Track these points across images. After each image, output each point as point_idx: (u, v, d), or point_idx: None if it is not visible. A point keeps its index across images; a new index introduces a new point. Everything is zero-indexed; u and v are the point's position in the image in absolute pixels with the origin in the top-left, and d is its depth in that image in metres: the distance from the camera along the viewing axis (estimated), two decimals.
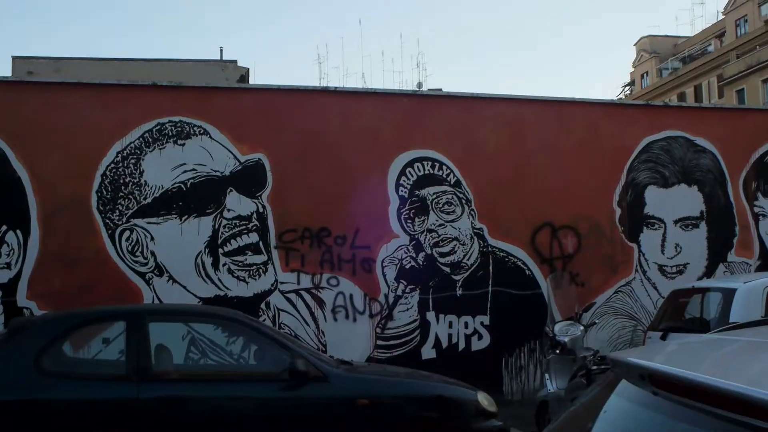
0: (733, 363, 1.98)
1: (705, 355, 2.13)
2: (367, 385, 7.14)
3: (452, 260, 11.33)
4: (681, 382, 1.75)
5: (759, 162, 12.93)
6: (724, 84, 47.65)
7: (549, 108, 12.06)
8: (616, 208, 12.05)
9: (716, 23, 58.40)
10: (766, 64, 43.57)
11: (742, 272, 12.40)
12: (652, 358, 2.15)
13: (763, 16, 50.80)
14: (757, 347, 2.10)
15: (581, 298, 11.44)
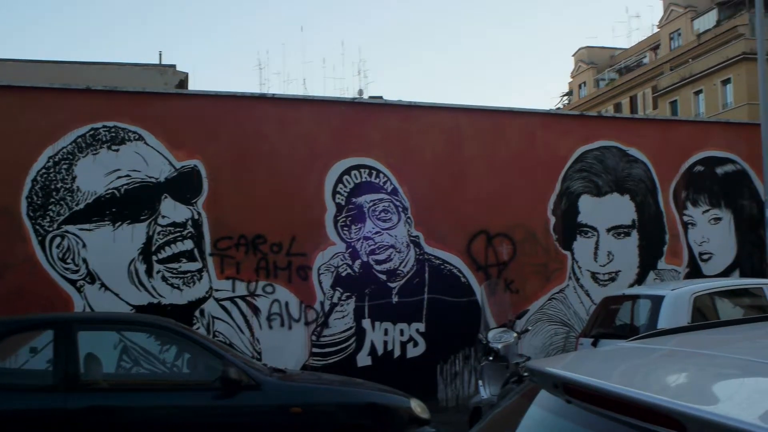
0: (644, 372, 2.03)
1: (620, 363, 2.17)
2: (300, 393, 7.13)
3: (388, 268, 11.36)
4: (592, 391, 1.79)
5: (689, 172, 13.25)
6: (659, 95, 48.68)
7: (486, 117, 12.19)
8: (551, 217, 12.23)
9: (651, 36, 59.69)
10: (699, 77, 44.62)
11: (672, 279, 12.68)
12: (567, 366, 2.19)
13: (695, 30, 52.05)
14: (671, 356, 2.16)
15: (515, 305, 11.57)
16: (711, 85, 44.07)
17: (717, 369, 1.93)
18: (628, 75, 57.10)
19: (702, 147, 13.43)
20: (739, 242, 13.55)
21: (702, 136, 13.62)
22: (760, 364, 1.91)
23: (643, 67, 56.29)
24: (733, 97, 41.82)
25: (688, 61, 48.10)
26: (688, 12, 53.14)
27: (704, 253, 13.31)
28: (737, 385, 1.77)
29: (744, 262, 13.53)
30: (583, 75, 64.44)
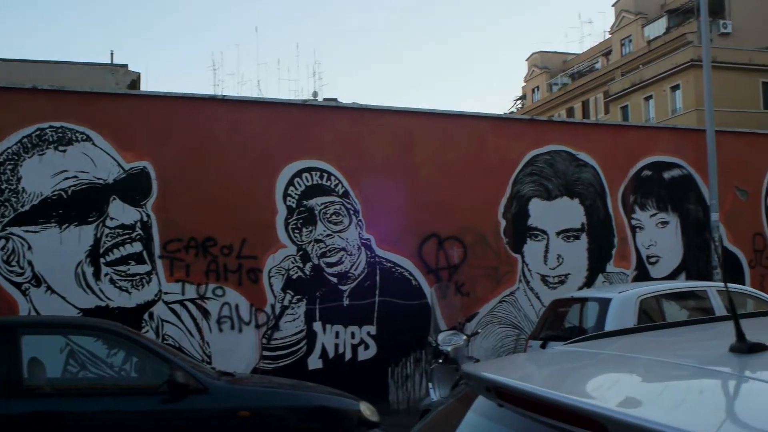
0: (574, 375, 2.05)
1: (551, 366, 2.20)
2: (248, 396, 7.09)
3: (339, 270, 11.35)
4: (521, 395, 1.81)
5: (637, 176, 13.45)
6: (610, 100, 49.32)
7: (436, 121, 12.25)
8: (501, 220, 12.32)
9: (603, 42, 60.49)
10: (649, 83, 45.31)
11: (620, 282, 12.85)
12: (500, 370, 2.21)
13: (646, 36, 52.87)
14: (602, 359, 2.18)
15: (466, 307, 11.65)
16: (661, 91, 44.77)
17: (645, 372, 1.96)
18: (580, 80, 57.80)
19: (650, 152, 13.65)
20: (685, 245, 13.79)
21: (650, 141, 13.84)
22: (688, 367, 1.95)
23: (595, 73, 57.03)
24: (682, 103, 42.53)
25: (638, 67, 48.81)
26: (639, 19, 53.98)
27: (652, 256, 13.52)
28: (662, 388, 1.80)
29: (690, 265, 13.77)
30: (536, 79, 65.09)
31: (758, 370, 1.81)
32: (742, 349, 1.87)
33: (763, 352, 1.87)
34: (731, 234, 14.17)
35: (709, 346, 2.16)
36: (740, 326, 1.92)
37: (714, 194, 13.47)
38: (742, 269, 14.31)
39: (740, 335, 1.90)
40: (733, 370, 1.85)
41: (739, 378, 1.76)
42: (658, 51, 48.79)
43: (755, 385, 1.69)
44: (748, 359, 1.85)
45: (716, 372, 1.85)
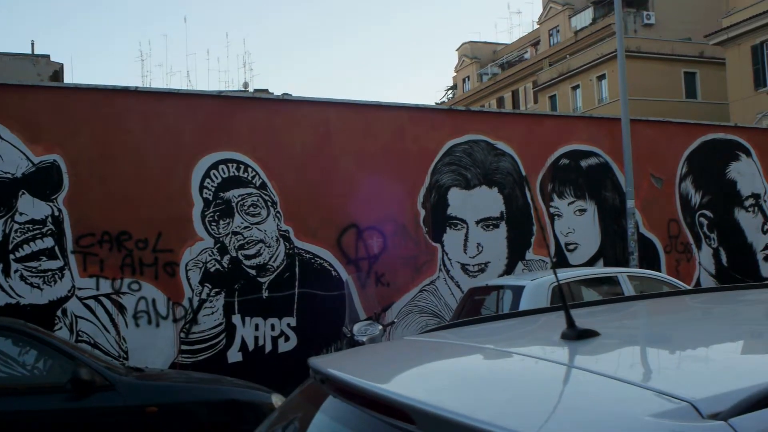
0: (399, 365, 2.06)
1: (386, 357, 2.21)
2: (156, 392, 7.02)
3: (258, 262, 11.28)
4: (343, 385, 1.82)
5: (554, 165, 13.65)
6: (539, 90, 49.93)
7: (355, 111, 12.24)
8: (421, 210, 12.39)
9: (532, 32, 61.22)
10: (576, 73, 45.98)
11: (540, 269, 13.05)
12: (337, 361, 2.22)
13: (573, 27, 53.62)
14: (437, 348, 2.20)
15: (386, 297, 11.72)
16: (587, 80, 45.50)
17: (472, 360, 1.99)
18: (510, 70, 58.39)
19: (567, 141, 13.86)
20: (602, 232, 14.06)
21: (567, 130, 14.05)
22: (517, 356, 1.98)
23: (524, 63, 57.68)
24: (608, 92, 43.28)
25: (566, 57, 49.51)
26: (566, 10, 54.71)
27: (570, 244, 13.75)
28: (484, 377, 1.82)
29: (608, 252, 14.05)
30: (466, 69, 65.54)
31: (581, 356, 1.85)
32: (571, 336, 1.92)
33: (591, 339, 1.92)
34: (647, 220, 14.50)
35: (548, 333, 2.19)
36: (570, 314, 1.96)
37: (630, 182, 13.76)
38: (658, 255, 14.65)
39: (570, 322, 1.95)
40: (558, 357, 1.89)
41: (560, 366, 1.79)
42: (584, 41, 49.59)
43: (572, 373, 1.72)
44: (577, 346, 1.89)
45: (542, 360, 1.88)
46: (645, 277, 10.54)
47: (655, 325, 2.45)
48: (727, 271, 15.35)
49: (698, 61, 43.93)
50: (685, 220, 15.03)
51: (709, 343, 2.03)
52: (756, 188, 15.96)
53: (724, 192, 15.57)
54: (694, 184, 15.21)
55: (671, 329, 2.31)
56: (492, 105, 55.91)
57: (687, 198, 15.12)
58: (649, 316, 2.63)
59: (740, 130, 16.45)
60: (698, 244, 15.14)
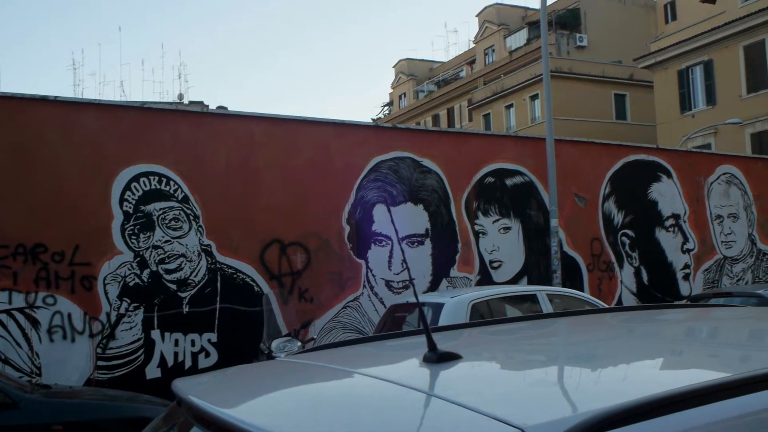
0: (255, 387, 2.04)
1: (246, 379, 2.19)
2: (63, 410, 6.87)
3: (179, 277, 11.12)
4: (197, 412, 1.79)
5: (480, 183, 13.78)
6: (473, 108, 50.48)
7: (280, 126, 12.18)
8: (346, 226, 12.37)
9: (468, 51, 61.94)
10: (510, 92, 46.62)
11: (464, 286, 13.13)
12: (199, 383, 2.19)
13: (508, 47, 54.41)
14: (301, 370, 2.19)
15: (310, 313, 11.66)
16: (521, 99, 46.18)
17: (326, 384, 1.98)
18: (445, 87, 58.94)
19: (493, 159, 14.01)
20: (527, 250, 14.22)
21: (493, 149, 14.21)
22: (373, 380, 1.97)
23: (459, 81, 58.29)
24: (540, 112, 43.94)
25: (500, 76, 50.17)
26: (501, 30, 55.51)
27: (494, 261, 13.87)
28: (327, 402, 1.81)
29: (531, 270, 14.21)
30: (403, 86, 65.96)
31: (434, 380, 1.85)
32: (432, 359, 1.92)
33: (452, 362, 1.92)
34: (570, 239, 14.72)
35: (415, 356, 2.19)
36: (431, 337, 1.96)
37: (554, 201, 13.96)
38: (581, 273, 14.88)
39: (431, 345, 1.95)
40: (412, 381, 1.88)
41: (410, 390, 1.78)
42: (519, 61, 50.34)
43: (419, 399, 1.71)
44: (435, 369, 1.89)
45: (394, 384, 1.87)
46: (564, 296, 10.70)
47: (523, 348, 2.47)
48: (648, 290, 15.66)
49: (628, 84, 44.98)
50: (607, 239, 15.31)
51: (567, 365, 2.05)
52: (676, 209, 16.34)
53: (645, 212, 15.91)
54: (616, 203, 15.50)
55: (537, 352, 2.33)
56: (427, 122, 56.33)
57: (610, 217, 15.40)
58: (525, 339, 2.65)
59: (661, 152, 16.85)
60: (620, 262, 15.42)
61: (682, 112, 36.61)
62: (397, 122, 45.26)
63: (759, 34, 33.65)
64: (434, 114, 57.94)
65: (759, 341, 2.41)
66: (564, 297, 10.65)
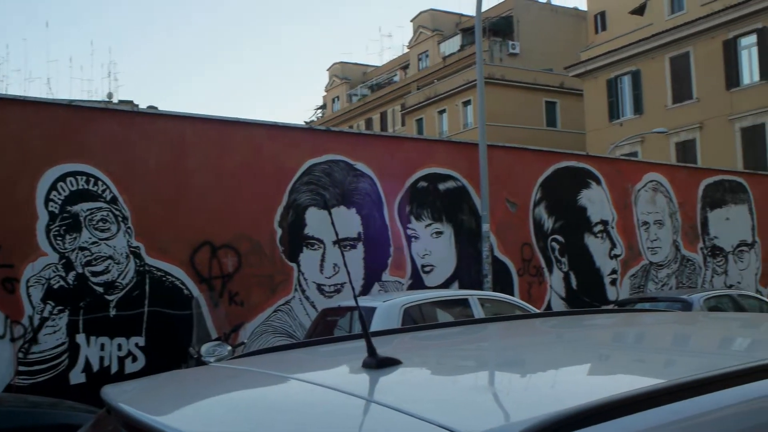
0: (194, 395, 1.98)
1: (182, 386, 2.12)
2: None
3: (106, 279, 10.86)
4: (126, 419, 1.72)
5: (413, 187, 13.80)
6: (407, 113, 50.71)
7: (212, 127, 11.98)
8: (277, 229, 12.24)
9: (402, 56, 62.21)
10: (443, 97, 46.96)
11: (396, 290, 13.12)
12: (130, 388, 2.12)
13: (441, 53, 54.81)
14: (233, 376, 2.13)
15: (240, 317, 11.51)
16: (454, 105, 46.57)
17: (261, 390, 1.93)
18: (379, 92, 59.08)
19: (426, 164, 14.05)
20: (458, 255, 14.30)
21: (426, 153, 14.25)
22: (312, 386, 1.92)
23: (393, 85, 58.50)
24: (473, 117, 44.38)
25: (434, 81, 50.53)
26: (435, 35, 55.92)
27: (426, 266, 13.90)
28: (260, 408, 1.76)
29: (463, 274, 14.29)
30: (336, 89, 65.91)
31: (374, 386, 1.81)
32: (371, 364, 1.88)
33: (391, 367, 1.88)
34: (501, 244, 14.85)
35: (354, 361, 2.14)
36: (371, 342, 1.92)
37: (485, 206, 14.07)
38: (512, 278, 15.02)
39: (371, 350, 1.91)
40: (351, 387, 1.84)
41: (349, 396, 1.74)
42: (452, 67, 50.75)
43: (358, 405, 1.67)
44: (375, 375, 1.85)
45: (333, 390, 1.83)
46: (495, 300, 10.78)
47: (462, 354, 2.45)
48: (577, 294, 15.90)
49: (559, 92, 45.74)
50: (537, 245, 15.49)
51: (514, 370, 2.03)
52: (605, 215, 16.64)
53: (575, 218, 16.16)
54: (547, 209, 15.71)
55: (476, 358, 2.31)
56: (361, 126, 56.34)
57: (540, 223, 15.60)
58: (463, 344, 2.63)
59: (591, 159, 17.15)
60: (550, 267, 15.62)
61: (610, 121, 37.39)
62: (330, 125, 45.12)
63: (684, 47, 34.59)
64: (367, 118, 58.00)
65: (692, 346, 2.44)
66: (495, 301, 10.72)
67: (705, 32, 33.60)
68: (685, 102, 34.50)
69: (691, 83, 34.34)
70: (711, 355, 2.22)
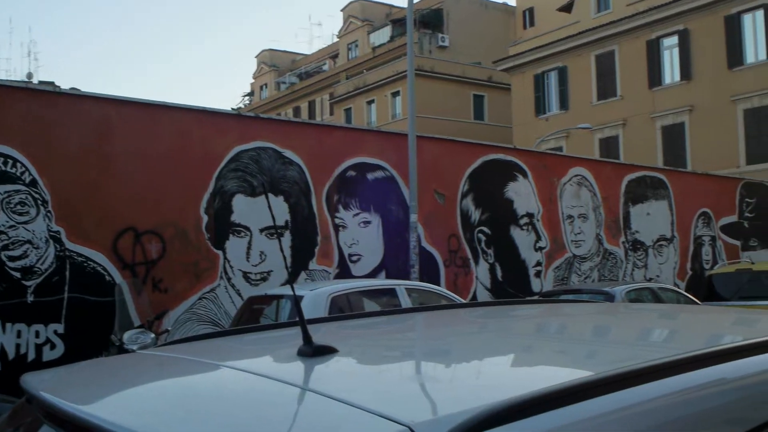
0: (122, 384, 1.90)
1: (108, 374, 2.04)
2: None
3: (24, 264, 10.52)
4: (49, 409, 1.63)
5: (341, 176, 13.74)
6: (335, 102, 50.60)
7: (139, 110, 11.72)
8: (203, 215, 12.05)
9: (331, 45, 62.01)
10: (372, 87, 46.96)
11: (322, 279, 13.06)
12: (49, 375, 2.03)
13: (371, 43, 54.77)
14: (162, 363, 2.05)
15: (164, 304, 11.29)
16: (382, 96, 46.61)
17: (192, 378, 1.86)
18: (308, 80, 58.81)
19: (355, 153, 14.01)
20: (386, 245, 14.30)
21: (356, 142, 14.21)
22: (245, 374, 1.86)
23: (322, 74, 58.30)
24: (401, 108, 44.52)
25: (363, 71, 50.48)
26: (365, 25, 55.86)
27: (354, 255, 13.87)
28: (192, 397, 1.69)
29: (390, 264, 14.30)
30: (265, 77, 65.36)
31: (311, 374, 1.76)
32: (307, 352, 1.83)
33: (327, 356, 1.84)
34: (429, 235, 14.92)
35: (288, 349, 2.09)
36: (306, 330, 1.87)
37: (414, 196, 14.10)
38: (438, 269, 15.11)
39: (307, 338, 1.86)
40: (287, 376, 1.78)
41: (285, 385, 1.68)
42: (382, 57, 50.79)
43: (295, 393, 1.62)
44: (311, 363, 1.80)
45: (268, 378, 1.77)
46: (423, 290, 10.80)
47: (398, 343, 2.42)
48: (502, 286, 16.09)
49: (487, 85, 46.19)
50: (464, 236, 15.61)
51: (451, 360, 2.01)
52: (530, 208, 16.86)
53: (501, 210, 16.33)
54: (474, 201, 15.84)
55: (416, 346, 2.29)
56: (288, 114, 56.01)
57: (467, 214, 15.71)
58: (398, 332, 2.60)
59: (518, 152, 17.34)
60: (476, 259, 15.76)
61: (537, 115, 37.92)
62: (257, 113, 44.77)
63: (609, 45, 35.29)
64: (295, 106, 57.68)
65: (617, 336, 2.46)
66: (422, 291, 10.75)
67: (629, 32, 34.33)
68: (609, 99, 35.21)
69: (616, 81, 35.07)
70: (637, 346, 2.24)
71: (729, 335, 2.49)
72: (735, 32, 31.39)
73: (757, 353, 1.81)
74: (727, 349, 1.78)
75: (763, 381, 1.76)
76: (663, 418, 1.52)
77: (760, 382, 1.75)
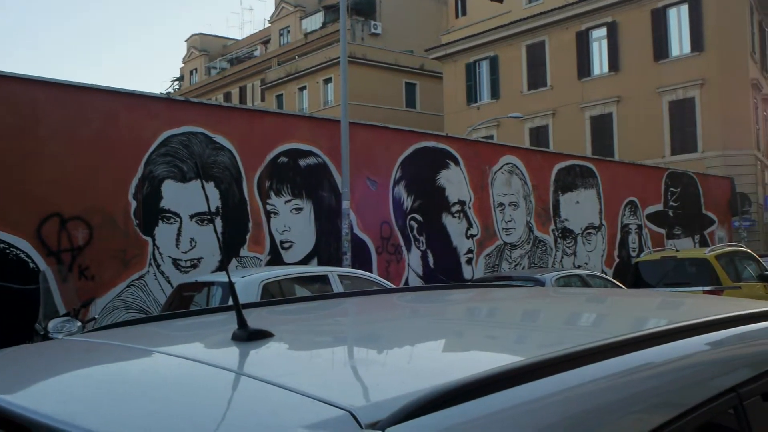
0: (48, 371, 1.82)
1: (33, 361, 1.96)
2: None
3: None
4: None
5: (273, 162, 13.62)
6: (266, 88, 50.17)
7: (66, 92, 11.39)
8: (132, 201, 11.80)
9: (263, 30, 61.44)
10: (304, 74, 46.69)
11: (254, 266, 12.94)
12: None
13: (303, 29, 54.43)
14: (94, 349, 1.99)
15: (91, 292, 11.06)
16: (314, 82, 46.39)
17: (123, 365, 1.80)
18: (239, 66, 58.22)
19: (287, 139, 13.90)
20: (318, 232, 14.24)
21: (288, 128, 14.09)
22: (174, 358, 1.81)
23: (253, 60, 57.76)
24: (333, 95, 44.37)
25: (295, 58, 50.14)
26: (298, 11, 55.46)
27: (285, 242, 13.78)
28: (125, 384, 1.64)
29: (322, 251, 14.25)
30: (195, 61, 64.45)
31: (246, 359, 1.72)
32: (241, 336, 1.79)
33: (263, 340, 1.80)
34: (361, 222, 14.90)
35: (222, 334, 2.05)
36: (242, 314, 1.83)
37: (346, 183, 14.04)
38: (370, 256, 15.11)
39: (242, 322, 1.82)
40: (222, 361, 1.73)
41: (220, 370, 1.64)
42: (314, 44, 50.54)
43: (230, 379, 1.58)
44: (246, 348, 1.76)
45: (201, 363, 1.72)
46: (355, 277, 10.80)
47: (337, 326, 2.39)
48: (434, 273, 16.18)
49: (419, 74, 46.32)
50: (396, 223, 15.64)
51: (388, 344, 1.98)
52: (462, 196, 16.98)
53: (433, 197, 16.40)
54: (406, 188, 15.88)
55: (352, 330, 2.26)
56: (219, 99, 55.37)
57: (400, 202, 15.75)
58: (333, 317, 2.57)
59: (451, 140, 17.43)
60: (408, 246, 15.81)
61: (468, 104, 38.20)
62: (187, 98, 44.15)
63: (540, 36, 35.73)
64: (226, 92, 57.03)
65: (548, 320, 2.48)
66: (354, 278, 10.75)
67: (560, 23, 34.80)
68: (539, 89, 35.67)
69: (546, 71, 35.54)
70: (569, 331, 2.25)
71: (655, 319, 2.53)
72: (661, 25, 32.10)
73: (683, 337, 1.83)
74: (653, 333, 1.80)
75: (688, 365, 1.78)
76: (592, 402, 1.52)
77: (685, 366, 1.77)
